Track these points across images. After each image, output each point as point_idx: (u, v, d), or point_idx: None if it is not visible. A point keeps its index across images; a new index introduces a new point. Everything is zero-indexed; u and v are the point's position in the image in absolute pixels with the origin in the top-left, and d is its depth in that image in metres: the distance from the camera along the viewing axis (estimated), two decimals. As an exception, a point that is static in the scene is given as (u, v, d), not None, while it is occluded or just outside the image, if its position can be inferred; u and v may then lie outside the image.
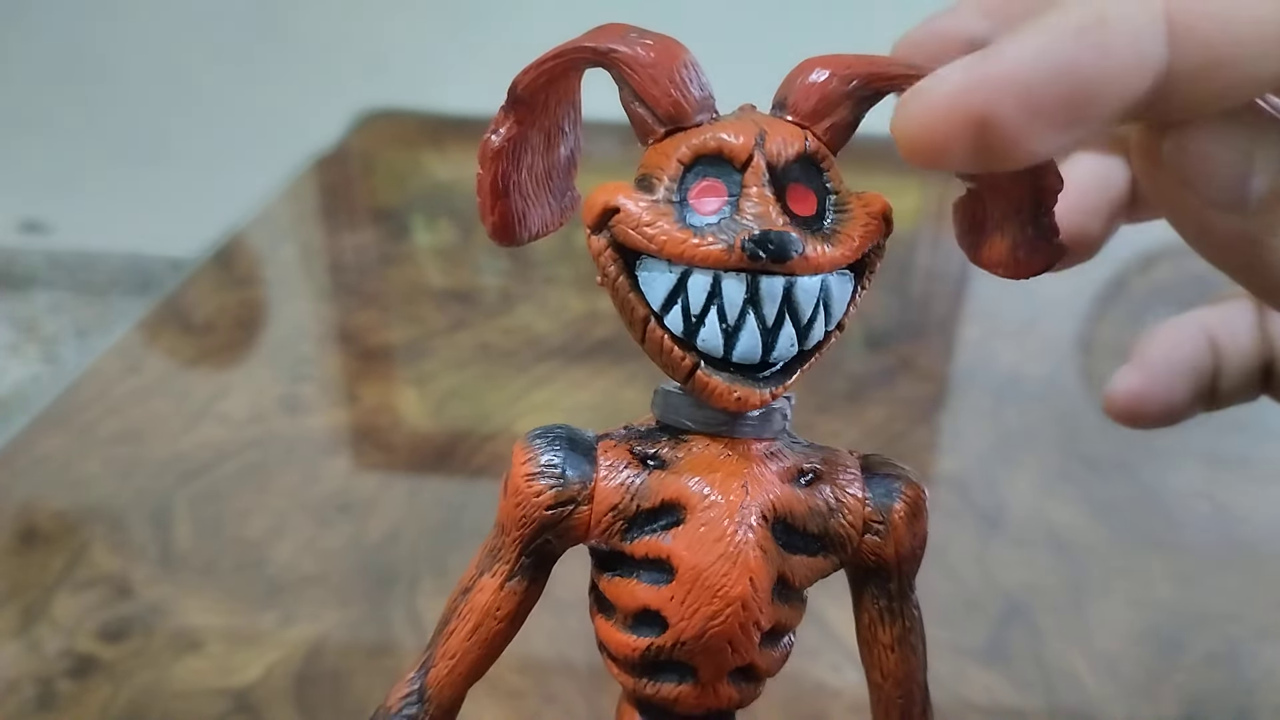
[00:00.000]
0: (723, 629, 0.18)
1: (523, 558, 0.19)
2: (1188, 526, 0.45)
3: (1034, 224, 0.18)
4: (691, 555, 0.18)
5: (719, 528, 0.18)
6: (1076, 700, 0.36)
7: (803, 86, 0.18)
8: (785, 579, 0.19)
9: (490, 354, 0.57)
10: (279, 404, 0.52)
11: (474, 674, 0.20)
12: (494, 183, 0.18)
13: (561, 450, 0.19)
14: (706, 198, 0.17)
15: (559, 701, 0.35)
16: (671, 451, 0.19)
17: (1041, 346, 0.59)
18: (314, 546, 0.42)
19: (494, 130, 0.18)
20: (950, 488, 0.47)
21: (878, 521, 0.19)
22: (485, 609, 0.20)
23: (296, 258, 0.70)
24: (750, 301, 0.17)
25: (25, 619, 0.38)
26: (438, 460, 0.48)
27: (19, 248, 1.88)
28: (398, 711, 0.20)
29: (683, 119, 0.17)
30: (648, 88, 0.17)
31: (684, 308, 0.17)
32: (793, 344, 0.17)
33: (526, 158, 0.19)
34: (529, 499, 0.19)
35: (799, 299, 0.17)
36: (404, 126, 0.93)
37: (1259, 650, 0.38)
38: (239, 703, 0.35)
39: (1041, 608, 0.40)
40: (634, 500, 0.18)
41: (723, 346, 0.17)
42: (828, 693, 0.35)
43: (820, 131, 0.18)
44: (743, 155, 0.17)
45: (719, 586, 0.18)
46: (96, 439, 0.48)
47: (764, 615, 0.18)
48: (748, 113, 0.18)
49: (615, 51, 0.17)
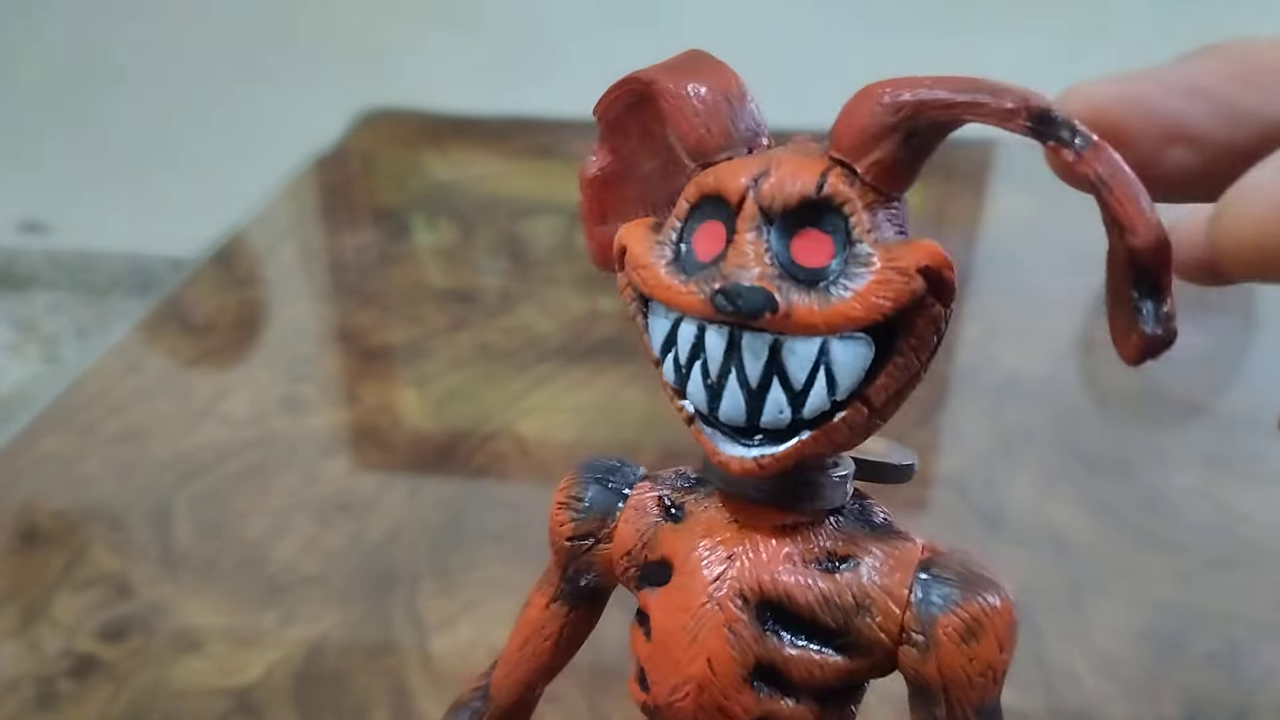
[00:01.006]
0: (684, 707, 0.17)
1: (563, 583, 0.19)
2: (1188, 526, 0.45)
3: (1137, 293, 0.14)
4: (663, 620, 0.17)
5: (690, 598, 0.17)
6: (1076, 700, 0.36)
7: (846, 116, 0.15)
8: (775, 669, 0.17)
9: (490, 354, 0.57)
10: (279, 404, 0.52)
11: (528, 683, 0.20)
12: (590, 209, 0.18)
13: (593, 485, 0.19)
14: (705, 241, 0.16)
15: (560, 701, 0.35)
16: (695, 506, 0.18)
17: (1041, 346, 0.59)
18: (314, 546, 0.42)
19: (590, 156, 0.17)
20: (950, 488, 0.47)
21: (918, 632, 0.16)
22: (533, 625, 0.20)
23: (296, 258, 0.70)
24: (730, 357, 0.15)
25: (25, 619, 0.38)
26: (438, 460, 0.48)
27: (19, 248, 1.88)
28: (467, 703, 0.21)
29: (708, 155, 0.16)
30: (677, 119, 0.16)
31: (675, 357, 0.16)
32: (781, 410, 0.15)
33: (636, 186, 0.18)
34: (555, 527, 0.19)
35: (788, 361, 0.15)
36: (404, 126, 0.93)
37: (1259, 650, 0.38)
38: (239, 703, 0.35)
39: (1041, 608, 0.40)
40: (644, 549, 0.18)
41: (706, 403, 0.16)
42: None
43: (863, 168, 0.15)
44: (734, 197, 0.15)
45: (678, 659, 0.17)
46: (97, 439, 0.48)
47: (735, 703, 0.16)
48: (788, 146, 0.16)
49: (655, 82, 0.16)
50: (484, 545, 0.42)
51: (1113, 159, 0.14)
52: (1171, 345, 0.14)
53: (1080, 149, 0.14)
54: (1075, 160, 0.14)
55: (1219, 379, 0.57)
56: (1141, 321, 0.14)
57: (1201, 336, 0.61)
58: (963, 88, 0.14)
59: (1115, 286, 0.15)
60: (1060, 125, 0.14)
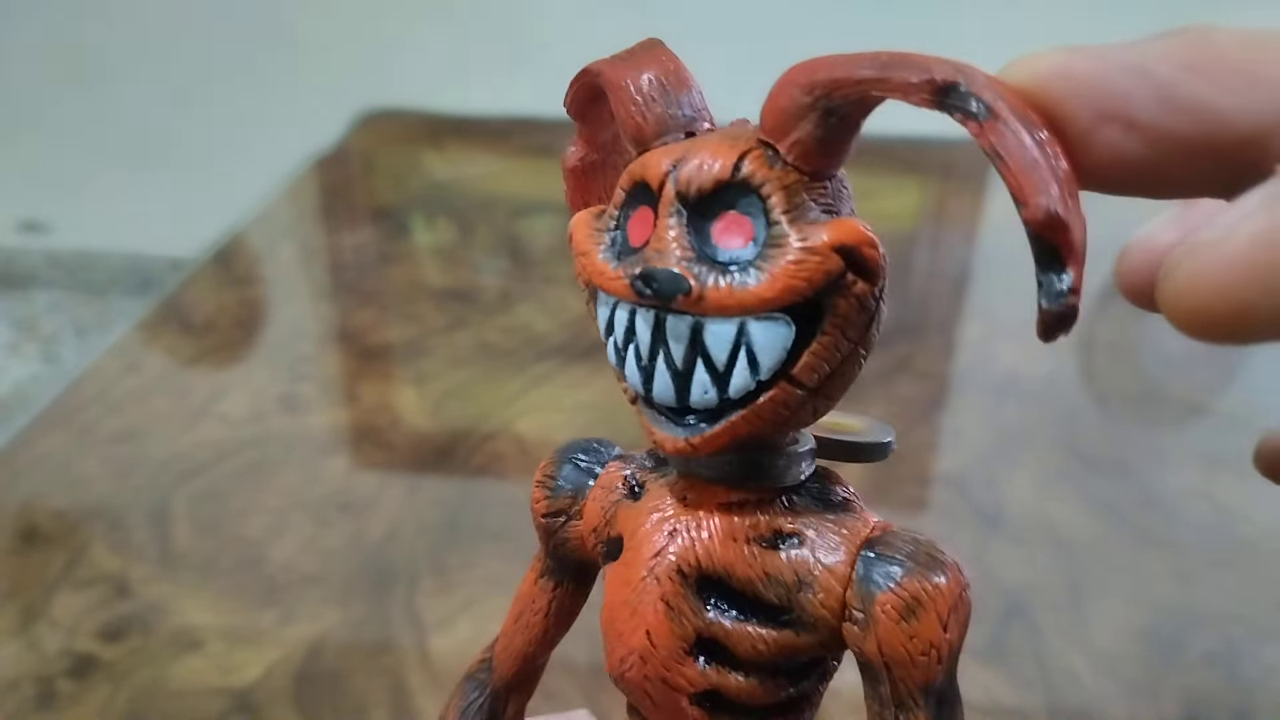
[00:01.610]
0: (632, 678, 0.17)
1: (548, 559, 0.20)
2: (1188, 526, 0.45)
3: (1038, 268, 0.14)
4: (610, 593, 0.17)
5: (631, 572, 0.17)
6: (1076, 700, 0.36)
7: (771, 97, 0.15)
8: (718, 643, 0.17)
9: (489, 353, 0.57)
10: (278, 403, 0.52)
11: (525, 656, 0.20)
12: (573, 198, 0.18)
13: (567, 464, 0.19)
14: (637, 227, 0.16)
15: (559, 701, 0.35)
16: (654, 484, 0.18)
17: (1041, 346, 0.59)
18: (314, 546, 0.42)
19: (570, 148, 0.18)
20: (950, 487, 0.47)
21: (858, 609, 0.16)
22: (525, 598, 0.20)
23: (296, 257, 0.70)
24: (656, 340, 0.16)
25: (25, 619, 0.38)
26: (437, 459, 0.48)
27: (19, 248, 1.88)
28: (473, 674, 0.21)
29: (644, 141, 0.16)
30: (617, 108, 0.16)
31: (615, 341, 0.16)
32: (706, 390, 0.15)
33: (614, 174, 0.18)
34: (532, 505, 0.19)
35: (708, 342, 0.15)
36: (404, 126, 0.93)
37: (1259, 650, 0.38)
38: (239, 702, 0.35)
39: (1041, 607, 0.40)
40: (607, 526, 0.18)
41: (641, 385, 0.16)
42: (827, 693, 0.35)
43: (784, 148, 0.15)
44: (655, 183, 0.16)
45: (620, 631, 0.17)
46: (96, 439, 0.48)
47: (678, 675, 0.17)
48: (725, 130, 0.16)
49: (601, 73, 0.16)
50: (483, 544, 0.42)
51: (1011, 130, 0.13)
52: (1072, 322, 0.13)
53: (981, 120, 0.13)
54: (976, 132, 0.13)
55: (1219, 379, 0.57)
56: (1040, 296, 0.13)
57: (1201, 336, 0.61)
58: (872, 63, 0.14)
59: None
60: (965, 97, 0.13)
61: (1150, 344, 0.60)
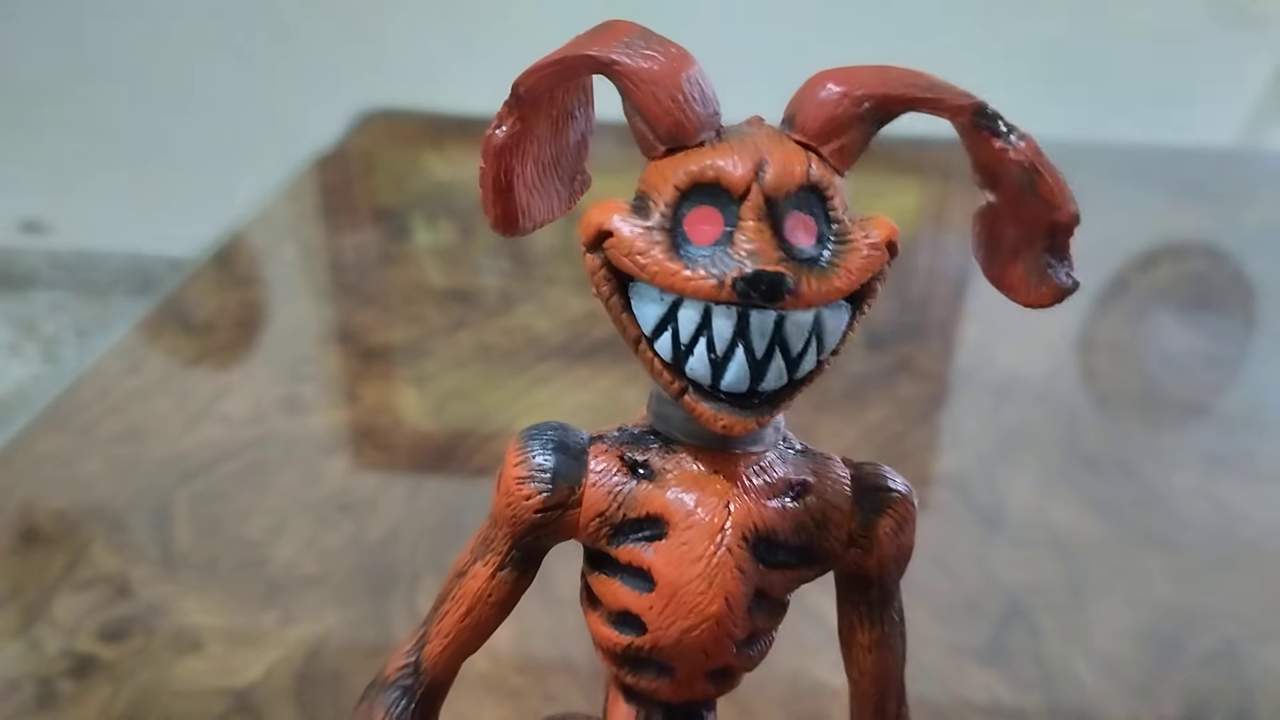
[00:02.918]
0: (698, 640, 0.18)
1: (513, 551, 0.20)
2: (1188, 526, 0.45)
3: (1050, 254, 0.17)
4: (670, 571, 0.18)
5: (698, 548, 0.18)
6: (1076, 700, 0.36)
7: (812, 104, 0.17)
8: (763, 593, 0.19)
9: (490, 354, 0.57)
10: (279, 404, 0.52)
11: (465, 652, 0.21)
12: (497, 178, 0.18)
13: (553, 453, 0.19)
14: (702, 227, 0.17)
15: (559, 701, 0.35)
16: (661, 462, 0.19)
17: (1041, 346, 0.59)
18: (314, 546, 0.42)
19: (497, 126, 0.18)
20: (950, 488, 0.47)
21: (862, 535, 0.19)
22: (478, 595, 0.20)
23: (296, 258, 0.70)
24: (739, 335, 0.16)
25: (25, 619, 0.38)
26: (438, 460, 0.48)
27: (19, 248, 1.88)
28: (394, 682, 0.21)
29: (684, 138, 0.17)
30: (649, 104, 0.17)
31: (674, 336, 0.17)
32: (781, 375, 0.17)
33: (532, 149, 0.18)
34: (519, 501, 0.19)
35: (789, 333, 0.17)
36: (404, 126, 0.93)
37: (1259, 650, 0.38)
38: (239, 703, 0.35)
39: (1041, 608, 0.40)
40: (620, 509, 0.19)
41: (710, 376, 0.17)
42: (827, 691, 0.35)
43: (828, 152, 0.17)
44: (740, 187, 0.16)
45: (695, 604, 0.18)
46: (97, 439, 0.48)
47: (739, 628, 0.19)
48: (754, 130, 0.17)
49: (617, 63, 0.17)
50: (484, 545, 0.42)
51: (1041, 149, 0.16)
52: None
53: (1017, 142, 0.16)
54: (1014, 150, 0.16)
55: (1219, 379, 0.57)
56: (1056, 277, 0.17)
57: (1201, 336, 0.61)
58: (918, 82, 0.16)
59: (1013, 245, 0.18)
60: (998, 119, 0.16)
61: (1151, 344, 0.60)
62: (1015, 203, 0.17)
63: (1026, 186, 0.16)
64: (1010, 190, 0.17)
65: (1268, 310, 0.65)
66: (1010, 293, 0.18)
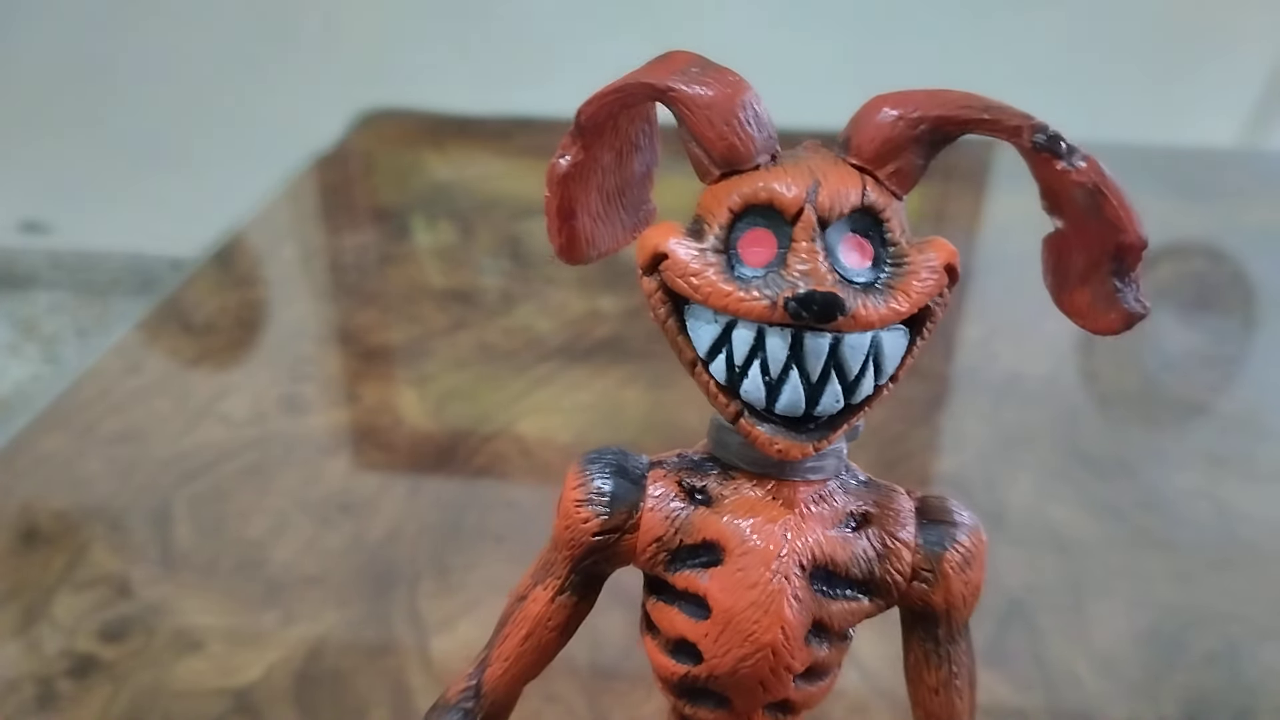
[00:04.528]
0: (753, 670, 0.18)
1: (573, 575, 0.20)
2: (1188, 526, 0.45)
3: (1117, 278, 0.17)
4: (726, 598, 0.18)
5: (755, 574, 0.18)
6: (1076, 700, 0.36)
7: (868, 127, 0.17)
8: (822, 624, 0.19)
9: (490, 354, 0.57)
10: (279, 404, 0.52)
11: (526, 676, 0.21)
12: (561, 206, 0.18)
13: (611, 478, 0.19)
14: (755, 248, 0.17)
15: (560, 701, 0.35)
16: (719, 488, 0.19)
17: (1041, 346, 0.59)
18: (314, 546, 0.42)
19: (561, 155, 0.18)
20: (950, 488, 0.47)
21: (926, 569, 0.19)
22: (538, 618, 0.20)
23: (296, 258, 0.70)
24: (794, 357, 0.16)
25: (25, 619, 0.38)
26: (438, 460, 0.48)
27: (19, 248, 1.88)
28: (455, 704, 0.21)
29: (738, 163, 0.17)
30: (704, 129, 0.17)
31: (728, 358, 0.17)
32: (838, 400, 0.17)
33: (596, 178, 0.18)
34: (577, 524, 0.19)
35: (845, 356, 0.17)
36: (404, 126, 0.93)
37: (1259, 650, 0.38)
38: (239, 703, 0.35)
39: (1041, 608, 0.40)
40: (677, 534, 0.19)
41: (765, 399, 0.17)
42: (830, 693, 0.35)
43: (884, 176, 0.17)
44: (793, 209, 0.16)
45: (750, 632, 0.18)
46: (97, 439, 0.48)
47: (796, 659, 0.18)
48: (809, 154, 0.17)
49: (673, 90, 0.17)
50: (484, 545, 0.42)
51: (1109, 172, 0.16)
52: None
53: (1078, 163, 0.16)
54: (1076, 172, 0.15)
55: (1219, 379, 0.57)
56: (1124, 302, 0.17)
57: (1201, 336, 0.61)
58: (974, 104, 0.16)
59: (1081, 271, 0.17)
60: (1059, 140, 0.16)
61: (1151, 344, 0.60)
62: (1081, 226, 0.16)
63: (1091, 209, 0.16)
64: (1075, 213, 0.16)
65: (1268, 310, 0.65)
66: (1079, 319, 0.18)
